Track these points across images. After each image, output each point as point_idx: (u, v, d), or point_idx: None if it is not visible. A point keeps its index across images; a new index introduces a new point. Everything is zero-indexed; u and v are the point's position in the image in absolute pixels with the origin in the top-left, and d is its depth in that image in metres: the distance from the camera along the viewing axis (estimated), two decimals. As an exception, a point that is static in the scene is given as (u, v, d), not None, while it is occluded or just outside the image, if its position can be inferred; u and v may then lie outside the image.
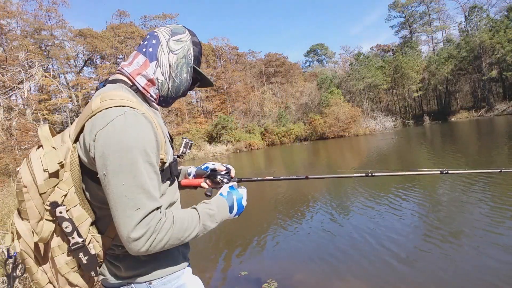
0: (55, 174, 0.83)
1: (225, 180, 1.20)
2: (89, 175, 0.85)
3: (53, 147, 0.86)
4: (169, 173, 0.96)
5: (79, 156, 0.84)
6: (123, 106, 0.82)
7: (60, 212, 0.82)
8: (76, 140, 0.86)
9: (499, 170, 1.42)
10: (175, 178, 1.04)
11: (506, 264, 3.14)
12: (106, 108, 0.81)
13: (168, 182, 0.97)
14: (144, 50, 0.97)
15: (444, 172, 1.37)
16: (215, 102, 45.32)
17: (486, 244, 3.63)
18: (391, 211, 5.33)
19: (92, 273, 0.89)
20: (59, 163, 0.83)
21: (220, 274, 3.91)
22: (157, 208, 0.81)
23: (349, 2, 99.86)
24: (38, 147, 0.89)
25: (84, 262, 0.86)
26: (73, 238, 0.84)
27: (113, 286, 0.92)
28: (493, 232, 3.95)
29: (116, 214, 0.78)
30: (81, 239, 0.85)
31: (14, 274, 0.83)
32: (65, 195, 0.83)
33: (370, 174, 1.37)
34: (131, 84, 0.96)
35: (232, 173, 1.26)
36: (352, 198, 6.72)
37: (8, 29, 26.97)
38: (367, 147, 19.16)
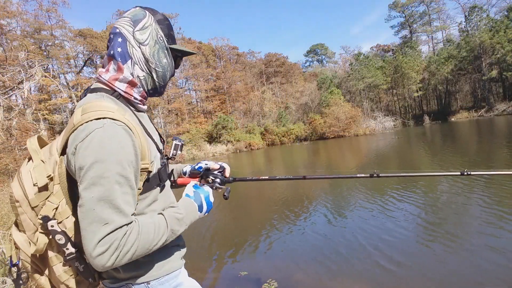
0: (44, 188, 0.83)
1: (217, 180, 1.17)
2: (77, 186, 0.84)
3: (42, 160, 0.86)
4: (158, 179, 0.95)
5: (66, 168, 0.84)
6: (103, 118, 0.80)
7: (52, 226, 0.82)
8: (63, 152, 0.85)
9: None
10: (167, 181, 1.04)
11: (499, 266, 3.14)
12: (87, 122, 0.80)
13: (158, 188, 0.96)
14: (112, 52, 0.93)
15: (465, 173, 1.28)
16: (215, 102, 45.31)
17: (481, 246, 3.63)
18: (390, 212, 5.33)
19: (90, 280, 0.90)
20: (47, 177, 0.83)
21: (220, 274, 3.91)
22: (127, 225, 0.79)
23: (349, 2, 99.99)
24: (29, 160, 0.89)
25: (81, 270, 0.87)
26: (67, 249, 0.84)
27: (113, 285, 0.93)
28: (488, 234, 3.95)
29: (82, 227, 0.76)
30: (75, 250, 0.85)
31: (20, 281, 0.86)
32: (56, 208, 0.83)
33: (375, 175, 1.29)
34: (113, 90, 0.93)
35: (227, 172, 1.25)
36: (351, 199, 6.72)
37: (8, 29, 26.96)
38: (367, 147, 19.16)
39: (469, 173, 1.28)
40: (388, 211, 5.36)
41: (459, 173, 1.30)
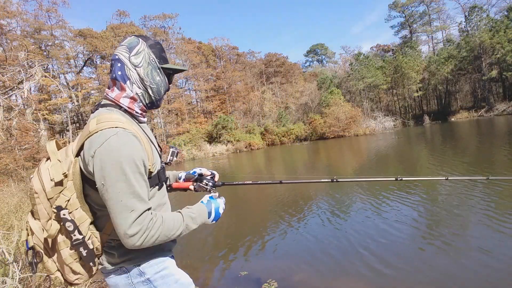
0: (60, 183, 1.00)
1: (210, 184, 1.36)
2: (89, 184, 1.02)
3: (59, 160, 1.04)
4: (157, 179, 1.13)
5: (80, 168, 1.01)
6: (116, 127, 0.99)
7: (64, 215, 0.99)
8: (78, 154, 1.03)
9: (486, 178, 1.54)
10: (164, 183, 1.21)
11: (488, 268, 3.14)
12: (102, 130, 0.98)
13: (157, 187, 1.14)
14: (114, 75, 1.12)
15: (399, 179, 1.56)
16: (215, 102, 45.29)
17: (477, 249, 3.64)
18: (390, 213, 5.34)
19: (91, 264, 1.06)
20: (63, 174, 1.00)
21: (220, 274, 3.91)
22: (148, 209, 0.99)
23: (349, 2, 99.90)
24: (47, 159, 1.08)
25: (84, 254, 1.03)
26: (74, 235, 1.01)
27: (109, 271, 1.11)
28: (483, 236, 3.95)
29: (114, 216, 0.95)
30: (81, 236, 1.02)
31: (35, 260, 1.04)
32: (68, 200, 1.00)
33: (335, 180, 1.54)
34: (119, 106, 1.12)
35: (216, 178, 1.43)
36: (350, 200, 6.73)
37: (8, 29, 26.97)
38: (367, 148, 19.16)
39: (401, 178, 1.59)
40: (386, 213, 5.37)
41: (393, 179, 1.59)
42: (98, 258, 1.10)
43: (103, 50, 35.95)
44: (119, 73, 1.11)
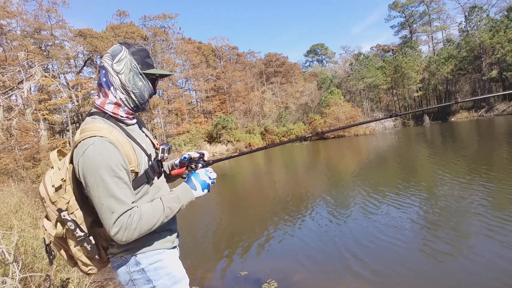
0: (59, 188, 1.12)
1: (199, 165, 1.39)
2: (83, 186, 1.12)
3: (58, 168, 1.16)
4: (145, 177, 1.21)
5: (74, 174, 1.12)
6: (94, 136, 1.08)
7: (64, 216, 1.11)
8: (71, 161, 1.14)
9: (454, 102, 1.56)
10: (158, 176, 1.29)
11: (488, 269, 3.14)
12: (83, 140, 1.08)
13: (147, 184, 1.22)
14: (100, 82, 1.21)
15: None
16: (215, 102, 45.30)
17: (480, 250, 3.64)
18: (390, 212, 5.34)
19: (96, 257, 1.18)
20: (61, 180, 1.12)
21: (220, 274, 3.91)
22: (128, 210, 1.07)
23: (349, 2, 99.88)
24: (52, 168, 1.19)
25: (89, 249, 1.16)
26: (76, 233, 1.13)
27: (114, 261, 1.22)
28: (485, 236, 3.95)
29: (100, 217, 1.07)
30: (83, 233, 1.13)
31: (51, 257, 1.20)
32: (68, 202, 1.11)
33: (320, 132, 1.56)
34: (104, 113, 1.20)
35: (206, 157, 1.47)
36: (351, 198, 6.72)
37: (8, 29, 26.99)
38: (367, 148, 19.16)
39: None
40: (386, 214, 5.37)
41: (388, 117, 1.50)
42: (105, 251, 1.22)
43: (103, 50, 35.89)
44: (104, 79, 1.19)
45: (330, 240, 4.51)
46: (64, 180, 1.12)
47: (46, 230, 1.18)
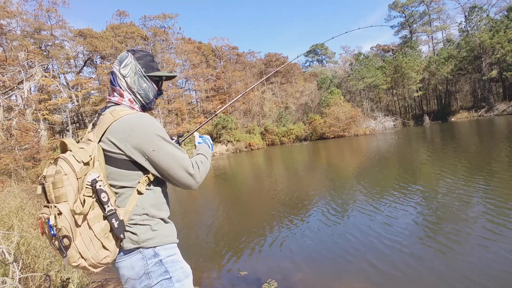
0: (87, 164, 1.14)
1: (179, 140, 1.66)
2: (112, 164, 1.19)
3: (82, 147, 1.17)
4: None
5: (104, 152, 1.19)
6: (133, 113, 1.23)
7: (100, 186, 1.13)
8: (99, 141, 1.20)
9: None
10: None
11: (490, 267, 3.14)
12: (125, 115, 1.21)
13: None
14: (114, 84, 1.36)
15: None
16: (215, 102, 45.26)
17: (481, 249, 3.64)
18: (390, 211, 5.34)
19: (121, 236, 1.16)
20: (90, 156, 1.15)
21: (220, 274, 3.91)
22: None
23: (350, 2, 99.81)
24: (62, 152, 1.20)
25: (116, 226, 1.14)
26: (108, 206, 1.14)
27: (126, 253, 1.20)
28: (486, 237, 3.95)
29: (173, 171, 1.22)
30: (113, 207, 1.15)
31: (63, 244, 1.08)
32: (98, 176, 1.14)
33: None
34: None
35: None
36: (351, 198, 6.72)
37: (8, 29, 26.98)
38: (367, 148, 19.15)
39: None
40: (386, 214, 5.37)
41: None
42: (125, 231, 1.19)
43: (103, 50, 35.94)
44: (114, 82, 1.35)
45: (330, 240, 4.51)
46: (92, 157, 1.16)
47: (59, 212, 1.06)
